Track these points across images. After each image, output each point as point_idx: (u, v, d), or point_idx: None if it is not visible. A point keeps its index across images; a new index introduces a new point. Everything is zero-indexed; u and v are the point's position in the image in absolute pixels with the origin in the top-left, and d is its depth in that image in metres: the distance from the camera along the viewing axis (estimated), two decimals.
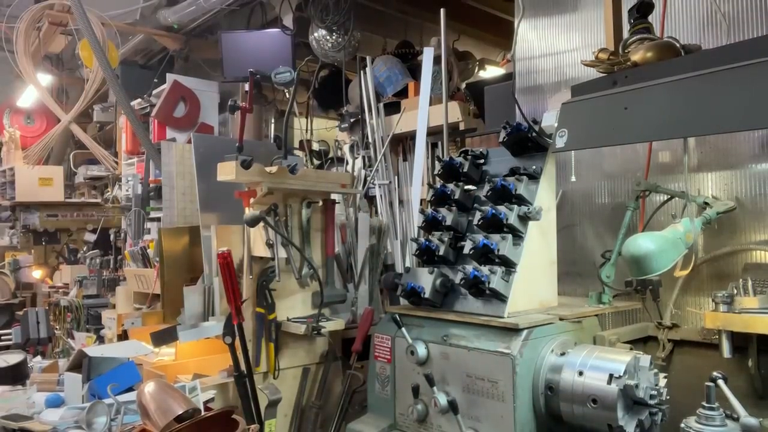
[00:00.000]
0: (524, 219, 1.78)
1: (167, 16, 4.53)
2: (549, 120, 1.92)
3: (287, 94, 4.08)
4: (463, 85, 3.80)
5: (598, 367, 1.54)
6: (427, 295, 1.82)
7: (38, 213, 6.28)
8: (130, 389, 2.27)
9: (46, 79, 5.93)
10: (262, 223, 2.16)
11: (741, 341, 1.80)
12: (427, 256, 1.93)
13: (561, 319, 1.75)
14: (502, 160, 1.98)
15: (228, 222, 2.96)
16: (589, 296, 2.03)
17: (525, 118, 1.89)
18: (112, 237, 5.55)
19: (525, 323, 1.64)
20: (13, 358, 2.91)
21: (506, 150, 1.96)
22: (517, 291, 1.73)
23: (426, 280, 1.84)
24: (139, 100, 4.91)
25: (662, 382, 1.55)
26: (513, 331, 1.63)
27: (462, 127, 3.27)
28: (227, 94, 4.79)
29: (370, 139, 3.52)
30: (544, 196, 1.85)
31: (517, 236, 1.77)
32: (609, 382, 1.48)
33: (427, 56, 3.39)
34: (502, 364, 1.60)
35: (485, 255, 1.76)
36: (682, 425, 1.43)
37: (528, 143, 1.90)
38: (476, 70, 4.37)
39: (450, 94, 3.26)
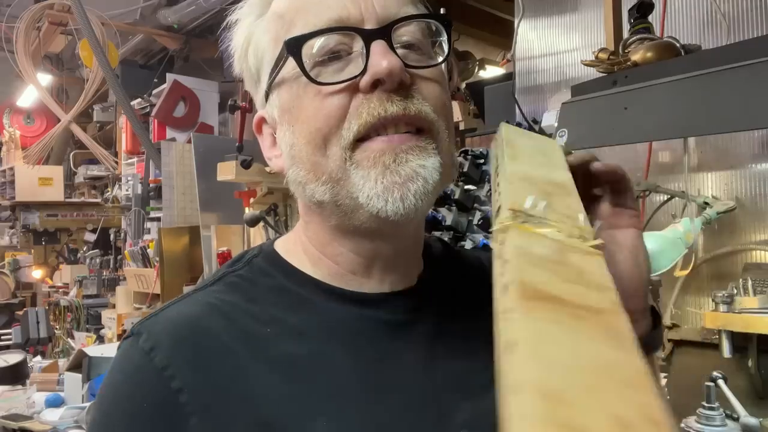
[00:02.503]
0: None
1: (167, 16, 4.52)
2: (549, 120, 1.92)
3: None
4: (463, 85, 3.79)
5: None
6: None
7: (38, 213, 6.26)
8: None
9: (46, 79, 5.93)
10: (262, 223, 2.16)
11: (741, 341, 1.80)
12: None
13: None
14: None
15: (228, 222, 2.96)
16: None
17: (525, 118, 1.89)
18: (112, 237, 5.55)
19: None
20: (13, 357, 2.91)
21: None
22: None
23: None
24: (139, 100, 4.90)
25: (662, 382, 1.55)
26: None
27: (462, 127, 3.26)
28: (227, 94, 4.79)
29: None
30: None
31: None
32: None
33: None
34: None
35: None
36: (682, 425, 1.43)
37: None
38: (476, 70, 4.36)
39: (450, 94, 3.26)
